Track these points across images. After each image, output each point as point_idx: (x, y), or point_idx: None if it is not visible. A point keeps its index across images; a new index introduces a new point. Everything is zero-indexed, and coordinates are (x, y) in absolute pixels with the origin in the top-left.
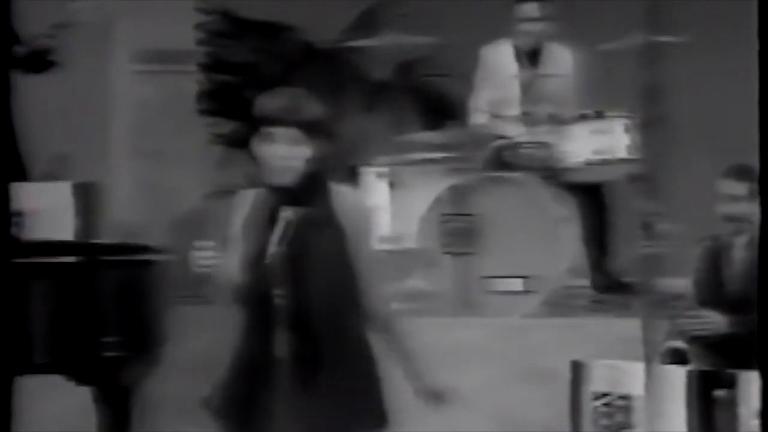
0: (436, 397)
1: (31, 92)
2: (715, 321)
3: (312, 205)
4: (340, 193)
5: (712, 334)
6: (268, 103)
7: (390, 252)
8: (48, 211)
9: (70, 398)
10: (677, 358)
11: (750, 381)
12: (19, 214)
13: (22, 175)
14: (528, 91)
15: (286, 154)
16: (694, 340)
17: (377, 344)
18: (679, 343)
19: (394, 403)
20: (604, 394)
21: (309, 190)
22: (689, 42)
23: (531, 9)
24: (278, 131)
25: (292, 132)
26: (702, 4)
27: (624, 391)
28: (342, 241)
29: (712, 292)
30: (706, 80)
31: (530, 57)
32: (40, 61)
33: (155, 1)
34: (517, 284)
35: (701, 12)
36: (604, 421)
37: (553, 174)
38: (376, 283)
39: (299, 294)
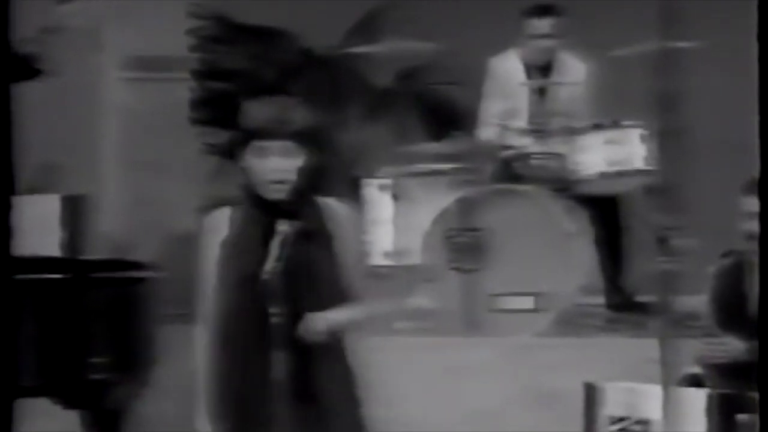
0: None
1: (17, 100)
2: (734, 347)
3: (302, 219)
4: (328, 206)
5: (731, 361)
6: (256, 113)
7: (393, 268)
8: (34, 224)
9: (56, 423)
10: (694, 383)
11: None
12: None
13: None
14: (539, 100)
15: (279, 167)
16: (711, 366)
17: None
18: (696, 369)
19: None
20: (621, 419)
21: (299, 205)
22: (707, 47)
23: (542, 25)
24: (270, 144)
25: (284, 144)
26: (720, 7)
27: (641, 415)
28: (328, 253)
29: (733, 313)
30: (726, 87)
31: (541, 68)
32: (27, 69)
33: (146, 5)
34: (527, 302)
35: (719, 16)
36: None
37: (565, 186)
38: (367, 300)
39: (298, 312)
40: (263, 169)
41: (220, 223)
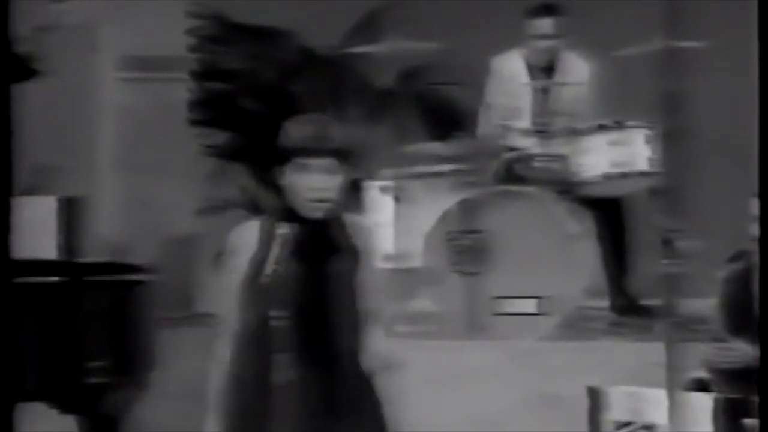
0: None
1: (11, 100)
2: (743, 351)
3: (323, 224)
4: (354, 222)
5: (740, 366)
6: (297, 132)
7: (394, 271)
8: (30, 227)
9: (55, 425)
10: (699, 387)
11: None
12: None
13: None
14: (542, 100)
15: (321, 185)
16: (717, 370)
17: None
18: (703, 373)
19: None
20: (626, 423)
21: (330, 221)
22: (712, 47)
23: (544, 25)
24: (313, 162)
25: (327, 162)
26: (725, 6)
27: (647, 419)
28: (353, 263)
29: (743, 317)
30: (731, 87)
31: (544, 68)
32: (23, 69)
33: (144, 4)
34: (530, 305)
35: (724, 15)
36: None
37: (568, 188)
38: (377, 310)
39: (299, 315)
40: (304, 186)
41: (250, 239)
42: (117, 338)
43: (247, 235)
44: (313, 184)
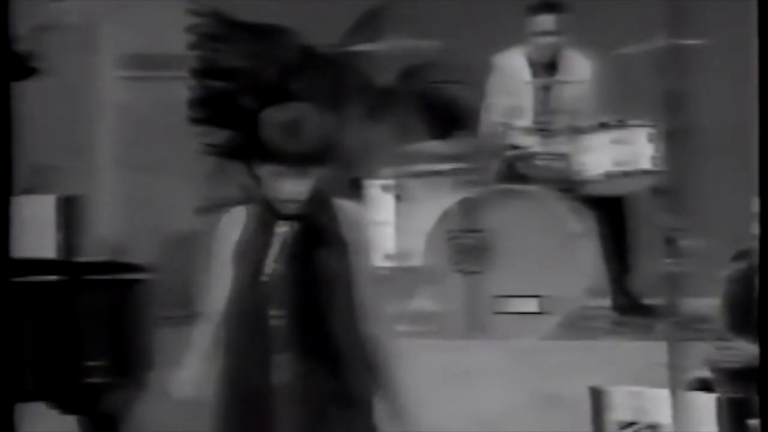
0: None
1: (11, 99)
2: (746, 351)
3: (313, 219)
4: (342, 207)
5: (743, 366)
6: (272, 122)
7: (395, 270)
8: (29, 226)
9: (56, 425)
10: (702, 387)
11: None
12: None
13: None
14: (544, 98)
15: (293, 189)
16: (721, 369)
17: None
18: (705, 373)
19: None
20: (630, 423)
21: (313, 209)
22: (715, 45)
23: (546, 22)
24: (284, 168)
25: (295, 168)
26: (728, 4)
27: (651, 419)
28: (343, 257)
29: (745, 317)
30: (734, 85)
31: (546, 66)
32: (22, 68)
33: (144, 2)
34: (531, 305)
35: (727, 13)
36: None
37: (570, 187)
38: (375, 305)
39: (300, 314)
40: (277, 188)
41: (236, 223)
42: (116, 338)
43: (235, 220)
44: (281, 185)
